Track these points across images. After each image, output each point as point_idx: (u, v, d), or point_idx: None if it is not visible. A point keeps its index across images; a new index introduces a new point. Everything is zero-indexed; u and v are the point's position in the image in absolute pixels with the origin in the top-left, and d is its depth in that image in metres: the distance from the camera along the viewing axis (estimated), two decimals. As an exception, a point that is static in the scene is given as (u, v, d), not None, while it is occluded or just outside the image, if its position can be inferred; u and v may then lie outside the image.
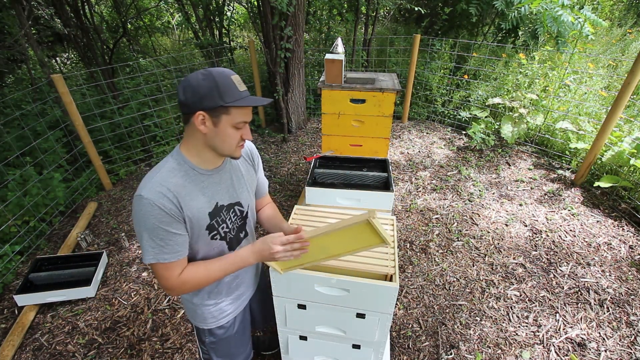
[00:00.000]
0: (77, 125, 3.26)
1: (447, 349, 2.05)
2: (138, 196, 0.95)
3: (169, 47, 7.76)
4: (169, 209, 0.96)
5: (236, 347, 1.38)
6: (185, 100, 0.94)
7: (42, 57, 3.73)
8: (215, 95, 0.92)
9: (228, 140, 1.00)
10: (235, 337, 1.35)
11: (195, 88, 0.93)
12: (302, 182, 3.64)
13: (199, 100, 0.93)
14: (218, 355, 1.36)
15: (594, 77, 4.41)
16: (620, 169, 3.15)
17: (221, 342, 1.33)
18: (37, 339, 2.17)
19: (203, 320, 1.26)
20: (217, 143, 1.00)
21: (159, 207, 0.94)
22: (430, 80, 4.91)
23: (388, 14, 7.18)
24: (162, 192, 0.95)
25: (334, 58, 2.43)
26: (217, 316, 1.26)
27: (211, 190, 1.08)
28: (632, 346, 2.02)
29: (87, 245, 2.91)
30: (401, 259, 2.66)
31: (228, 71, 0.97)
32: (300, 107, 4.69)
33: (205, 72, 0.94)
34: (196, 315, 1.25)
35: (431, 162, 3.92)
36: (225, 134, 0.99)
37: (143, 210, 0.95)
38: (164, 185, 0.96)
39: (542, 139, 4.01)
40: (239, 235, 1.23)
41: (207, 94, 0.92)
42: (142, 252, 1.01)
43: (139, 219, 0.96)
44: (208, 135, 0.98)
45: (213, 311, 1.25)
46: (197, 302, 1.23)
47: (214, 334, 1.29)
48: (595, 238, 2.78)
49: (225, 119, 0.97)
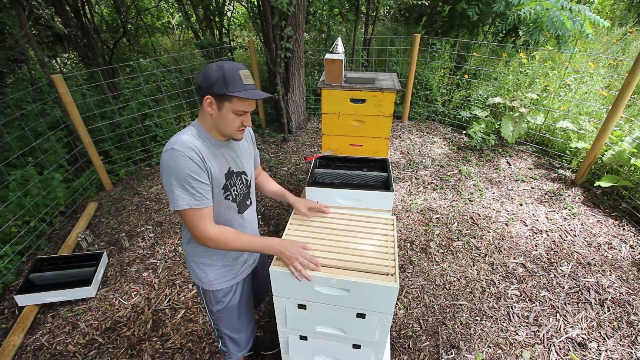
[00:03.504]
0: (77, 126, 3.26)
1: (447, 348, 2.04)
2: (170, 150, 1.09)
3: (169, 47, 7.76)
4: (198, 161, 1.12)
5: (241, 320, 1.50)
6: (200, 84, 1.14)
7: (42, 57, 3.73)
8: (222, 85, 1.09)
9: (230, 124, 1.17)
10: (240, 307, 1.47)
11: (208, 76, 1.11)
12: (302, 182, 3.64)
13: (209, 86, 1.11)
14: (225, 327, 1.48)
15: (594, 76, 4.40)
16: (621, 169, 3.14)
17: (228, 312, 1.44)
18: (38, 339, 2.17)
19: (209, 282, 1.36)
20: (220, 124, 1.18)
21: (190, 158, 1.10)
22: (430, 80, 4.91)
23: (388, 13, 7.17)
24: (191, 147, 1.11)
25: (334, 58, 2.43)
26: (222, 277, 1.37)
27: (225, 156, 1.25)
28: (633, 346, 2.01)
29: (87, 246, 2.91)
30: (401, 259, 2.66)
31: (238, 65, 1.14)
32: (300, 107, 4.69)
33: (219, 64, 1.11)
34: (205, 276, 1.35)
35: (431, 162, 3.92)
36: (227, 118, 1.16)
37: (176, 161, 1.09)
38: (191, 142, 1.13)
39: (542, 139, 4.01)
40: (245, 202, 1.38)
41: (216, 82, 1.10)
42: (171, 202, 1.13)
43: (172, 169, 1.09)
44: (213, 117, 1.16)
45: (219, 272, 1.36)
46: (207, 262, 1.34)
47: (220, 301, 1.40)
48: (596, 238, 2.78)
49: (228, 106, 1.14)
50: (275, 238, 1.29)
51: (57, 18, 4.72)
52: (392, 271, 1.33)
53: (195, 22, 5.37)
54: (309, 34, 5.68)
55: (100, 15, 6.21)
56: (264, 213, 3.21)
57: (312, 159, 2.53)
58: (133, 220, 3.22)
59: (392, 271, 1.33)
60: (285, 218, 3.11)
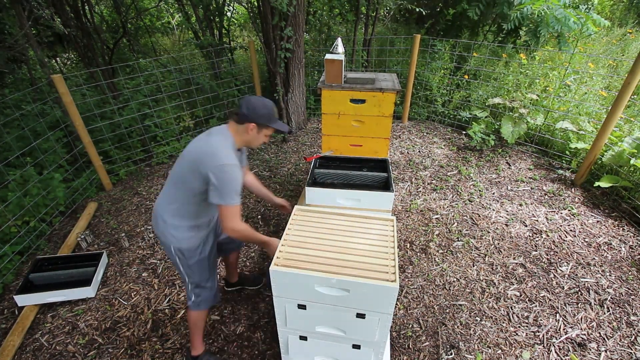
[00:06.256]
0: (77, 126, 3.26)
1: (447, 349, 2.04)
2: (226, 165, 1.45)
3: (169, 47, 7.76)
4: (239, 166, 1.53)
5: (210, 271, 1.79)
6: (247, 114, 1.54)
7: (42, 57, 3.73)
8: (267, 119, 1.58)
9: (260, 142, 1.67)
10: (209, 259, 1.75)
11: (257, 110, 1.54)
12: (302, 182, 3.65)
13: (257, 117, 1.55)
14: (197, 279, 1.74)
15: (594, 77, 4.41)
16: (621, 169, 3.15)
17: (198, 265, 1.70)
18: (37, 339, 2.17)
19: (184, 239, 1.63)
20: (252, 141, 1.64)
21: (238, 165, 1.51)
22: (430, 80, 4.91)
23: (388, 14, 7.17)
24: (232, 155, 1.51)
25: (334, 58, 2.43)
26: (192, 236, 1.66)
27: (238, 158, 1.59)
28: (632, 346, 2.02)
29: (87, 246, 2.91)
30: (401, 259, 2.66)
31: (272, 104, 1.60)
32: (300, 107, 4.69)
33: (265, 103, 1.57)
34: (182, 240, 1.63)
35: (431, 162, 3.92)
36: (260, 139, 1.65)
37: (231, 170, 1.46)
38: (230, 151, 1.52)
39: (542, 139, 4.01)
40: None
41: (263, 116, 1.56)
42: (224, 199, 1.46)
43: (230, 175, 1.46)
44: (250, 136, 1.60)
45: (190, 233, 1.64)
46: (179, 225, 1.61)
47: (195, 254, 1.67)
48: (596, 238, 2.78)
49: (264, 131, 1.63)
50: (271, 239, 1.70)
51: (57, 18, 4.72)
52: (392, 271, 1.33)
53: (195, 22, 5.37)
54: (308, 35, 5.68)
55: (100, 15, 6.21)
56: (263, 213, 3.21)
57: (312, 159, 2.53)
58: (133, 220, 3.22)
59: (392, 271, 1.33)
60: (285, 218, 3.11)
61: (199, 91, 4.61)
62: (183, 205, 1.59)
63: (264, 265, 2.65)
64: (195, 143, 1.57)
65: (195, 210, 1.61)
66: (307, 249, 1.46)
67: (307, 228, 1.59)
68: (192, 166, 1.50)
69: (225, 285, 2.44)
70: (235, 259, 2.26)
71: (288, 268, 1.35)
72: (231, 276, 2.37)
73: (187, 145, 1.62)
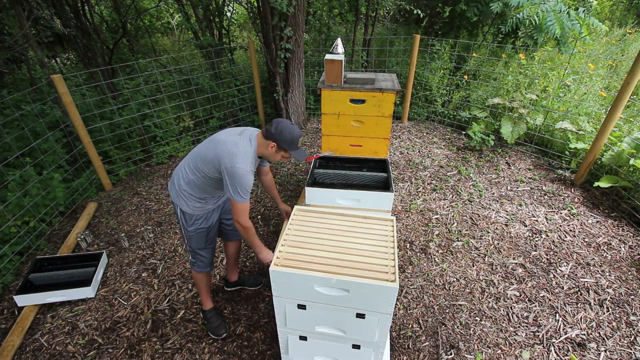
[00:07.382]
0: (77, 126, 3.26)
1: (447, 349, 2.05)
2: (239, 168, 1.61)
3: (169, 47, 7.76)
4: (252, 172, 1.71)
5: (206, 241, 1.98)
6: (273, 134, 1.69)
7: (42, 57, 3.73)
8: (288, 145, 1.72)
9: (276, 159, 1.82)
10: (207, 232, 1.94)
11: (283, 134, 1.69)
12: (302, 182, 3.65)
13: (280, 140, 1.70)
14: (193, 245, 1.95)
15: (593, 77, 4.41)
16: (620, 169, 3.15)
17: (195, 233, 1.91)
18: (37, 340, 2.17)
19: (189, 207, 1.84)
20: (269, 157, 1.80)
21: (251, 171, 1.68)
22: (430, 80, 4.91)
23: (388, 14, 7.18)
24: (249, 161, 1.68)
25: (333, 58, 2.43)
26: (198, 207, 1.86)
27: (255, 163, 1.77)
28: (632, 346, 2.02)
29: (87, 246, 2.91)
30: (401, 259, 2.66)
31: (299, 133, 1.75)
32: (300, 107, 4.69)
33: (292, 129, 1.71)
34: (188, 203, 1.83)
35: (431, 162, 3.92)
36: (276, 157, 1.80)
37: (243, 174, 1.62)
38: (249, 157, 1.68)
39: (541, 139, 4.02)
40: None
41: (285, 141, 1.70)
42: (233, 195, 1.64)
43: (240, 178, 1.62)
44: (269, 152, 1.76)
45: (197, 204, 1.85)
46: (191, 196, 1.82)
47: (196, 223, 1.89)
48: (595, 238, 2.78)
49: (282, 152, 1.77)
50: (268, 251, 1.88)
51: (57, 18, 4.72)
52: (391, 271, 1.33)
53: (195, 22, 5.37)
54: (308, 35, 5.68)
55: (100, 15, 6.21)
56: (263, 213, 3.22)
57: (312, 159, 2.53)
58: (133, 220, 3.22)
59: (391, 271, 1.33)
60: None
61: (199, 91, 4.61)
62: (198, 179, 1.77)
63: (264, 265, 2.65)
64: (227, 136, 1.72)
65: (206, 188, 1.80)
66: (307, 249, 1.46)
67: (307, 228, 1.59)
68: (214, 155, 1.68)
69: (225, 285, 2.44)
70: (236, 251, 2.29)
71: (288, 268, 1.35)
72: (231, 273, 2.37)
73: (218, 131, 1.83)
